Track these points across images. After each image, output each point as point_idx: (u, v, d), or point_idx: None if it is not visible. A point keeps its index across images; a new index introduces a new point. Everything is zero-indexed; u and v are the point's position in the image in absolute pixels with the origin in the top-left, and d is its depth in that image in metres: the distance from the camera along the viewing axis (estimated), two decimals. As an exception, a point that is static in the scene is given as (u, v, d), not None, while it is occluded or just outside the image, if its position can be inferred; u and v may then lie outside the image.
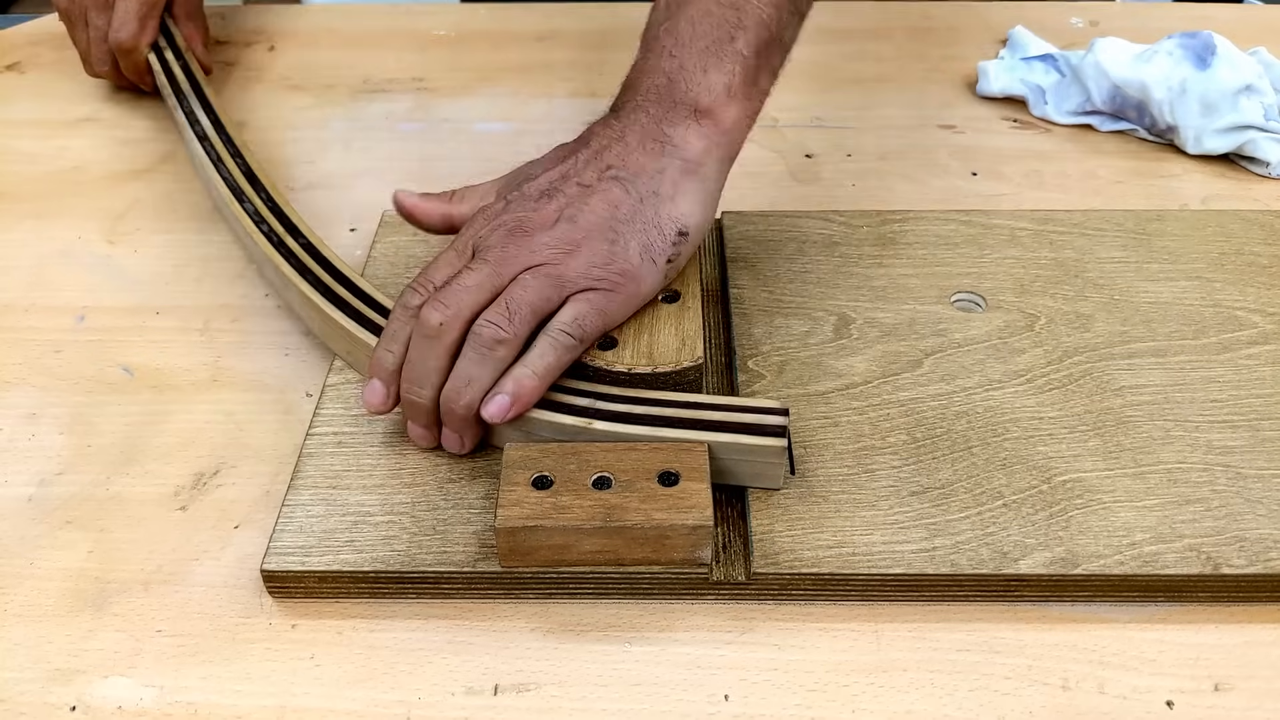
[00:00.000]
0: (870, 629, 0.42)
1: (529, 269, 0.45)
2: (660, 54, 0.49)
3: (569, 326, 0.44)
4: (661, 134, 0.48)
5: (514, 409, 0.43)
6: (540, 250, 0.45)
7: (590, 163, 0.48)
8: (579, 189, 0.47)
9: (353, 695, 0.40)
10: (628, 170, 0.47)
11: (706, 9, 0.48)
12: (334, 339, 0.52)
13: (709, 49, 0.48)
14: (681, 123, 0.47)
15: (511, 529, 0.40)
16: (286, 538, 0.43)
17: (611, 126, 0.49)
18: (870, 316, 0.53)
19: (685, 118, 0.48)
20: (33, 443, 0.50)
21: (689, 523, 0.40)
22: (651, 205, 0.46)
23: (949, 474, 0.45)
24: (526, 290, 0.44)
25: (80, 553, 0.45)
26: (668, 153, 0.47)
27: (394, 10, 0.89)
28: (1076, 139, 0.71)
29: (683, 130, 0.47)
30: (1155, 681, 0.40)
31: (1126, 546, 0.42)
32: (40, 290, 0.59)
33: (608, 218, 0.46)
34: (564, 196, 0.47)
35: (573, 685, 0.40)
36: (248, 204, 0.58)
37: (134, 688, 0.40)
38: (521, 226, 0.46)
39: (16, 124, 0.75)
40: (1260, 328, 0.53)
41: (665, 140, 0.47)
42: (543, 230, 0.46)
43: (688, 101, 0.48)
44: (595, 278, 0.45)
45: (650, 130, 0.48)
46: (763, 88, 0.50)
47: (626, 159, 0.47)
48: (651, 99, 0.48)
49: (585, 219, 0.46)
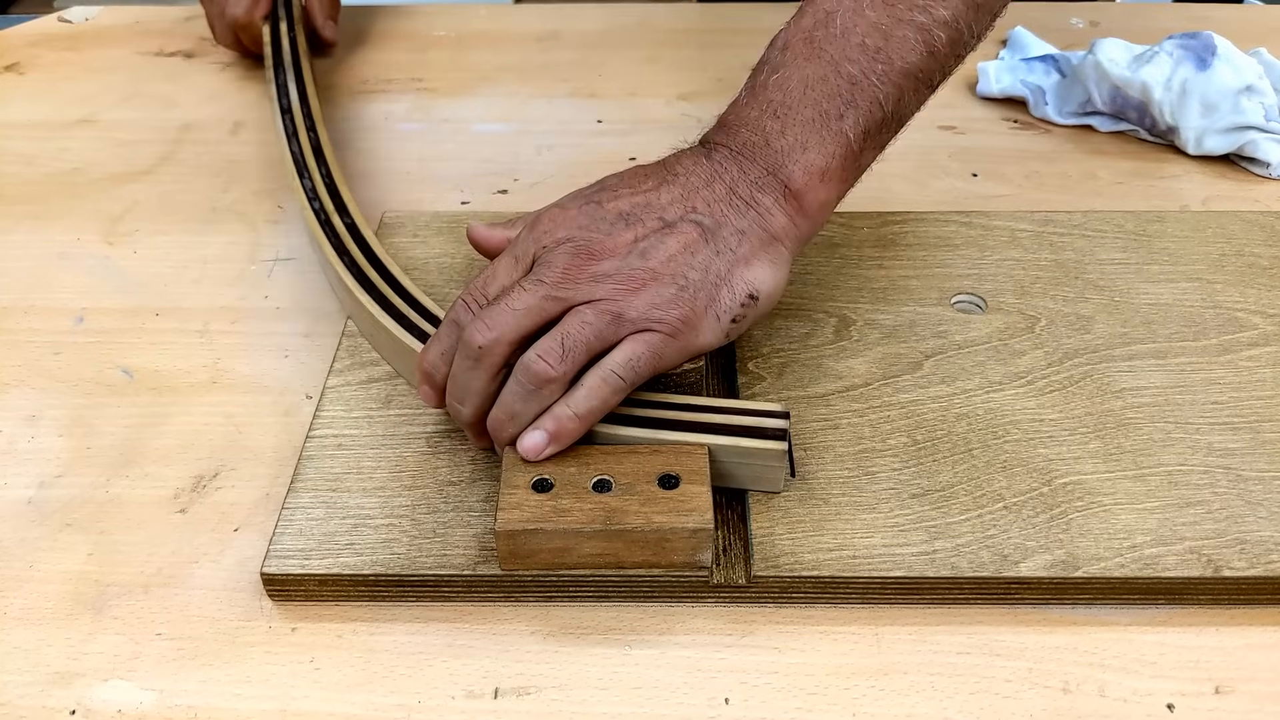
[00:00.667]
0: (871, 632, 0.42)
1: (589, 303, 0.42)
2: (764, 108, 0.46)
3: (621, 368, 0.42)
4: (751, 196, 0.45)
5: (550, 448, 0.42)
6: (604, 283, 0.43)
7: (677, 201, 0.45)
8: (659, 224, 0.44)
9: (353, 698, 0.40)
10: (712, 219, 0.44)
11: (823, 75, 0.45)
12: (357, 314, 0.53)
13: (814, 121, 0.45)
14: (771, 193, 0.45)
15: (511, 532, 0.40)
16: (286, 541, 0.43)
17: (702, 165, 0.46)
18: (870, 318, 0.53)
19: (775, 189, 0.45)
20: (32, 445, 0.50)
21: (689, 526, 0.40)
22: (728, 261, 0.44)
23: (949, 476, 0.45)
24: (585, 329, 0.42)
25: (80, 555, 0.45)
26: (752, 217, 0.45)
27: (394, 11, 0.89)
28: (1076, 140, 0.71)
29: (770, 201, 0.45)
30: (1156, 684, 0.40)
31: (1127, 549, 0.42)
32: (39, 292, 0.59)
33: (682, 261, 0.43)
34: (642, 227, 0.44)
35: (573, 688, 0.40)
36: (306, 180, 0.60)
37: (134, 691, 0.40)
38: (590, 249, 0.43)
39: (15, 125, 0.75)
40: (1261, 329, 0.53)
41: (753, 203, 0.45)
42: (611, 258, 0.43)
43: (781, 176, 0.45)
44: (655, 319, 0.42)
45: (740, 187, 0.45)
46: (864, 164, 0.48)
47: (713, 207, 0.45)
48: (747, 155, 0.46)
49: (658, 256, 0.43)
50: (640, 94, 0.77)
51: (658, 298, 0.43)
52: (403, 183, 0.68)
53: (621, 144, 0.71)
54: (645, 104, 0.76)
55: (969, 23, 0.47)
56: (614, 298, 0.42)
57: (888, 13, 0.46)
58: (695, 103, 0.75)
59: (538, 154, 0.71)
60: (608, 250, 0.43)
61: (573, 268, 0.43)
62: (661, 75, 0.79)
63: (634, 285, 0.43)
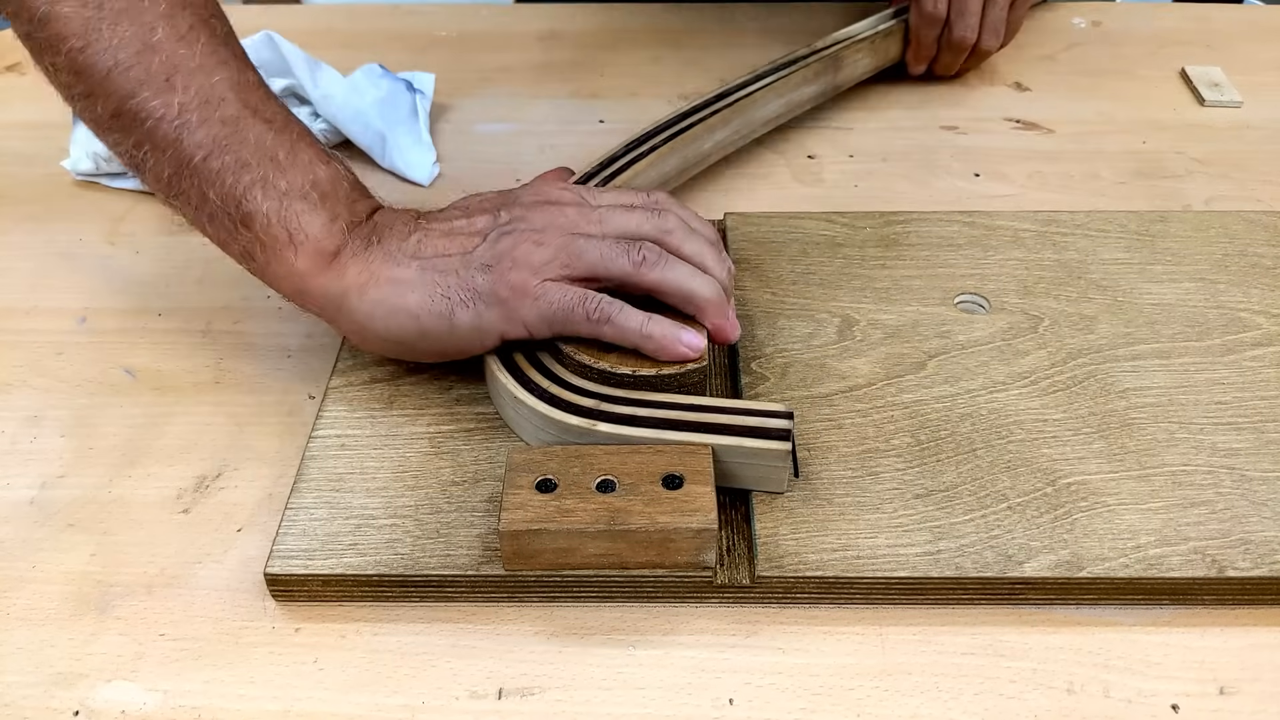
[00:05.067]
0: (875, 632, 0.42)
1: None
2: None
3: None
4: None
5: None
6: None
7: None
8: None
9: (356, 699, 0.40)
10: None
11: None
12: None
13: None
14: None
15: (515, 532, 0.40)
16: (290, 541, 0.43)
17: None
18: (874, 318, 0.53)
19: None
20: (34, 445, 0.50)
21: (693, 526, 0.40)
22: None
23: (953, 476, 0.45)
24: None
25: (82, 556, 0.45)
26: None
27: (394, 10, 0.89)
28: (1079, 140, 0.71)
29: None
30: (1160, 685, 0.40)
31: (1131, 549, 0.42)
32: (41, 292, 0.59)
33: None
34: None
35: (577, 689, 0.40)
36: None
37: (137, 692, 0.40)
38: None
39: (16, 125, 0.75)
40: (1265, 329, 0.52)
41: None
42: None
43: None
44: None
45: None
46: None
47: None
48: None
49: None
50: (642, 94, 0.77)
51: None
52: (401, 183, 0.68)
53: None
54: (647, 104, 0.76)
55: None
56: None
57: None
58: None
59: (540, 153, 0.71)
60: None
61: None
62: (663, 75, 0.79)
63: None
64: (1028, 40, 0.83)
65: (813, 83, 0.69)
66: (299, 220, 0.46)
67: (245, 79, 0.47)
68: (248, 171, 0.45)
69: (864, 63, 0.73)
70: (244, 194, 0.45)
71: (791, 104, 0.69)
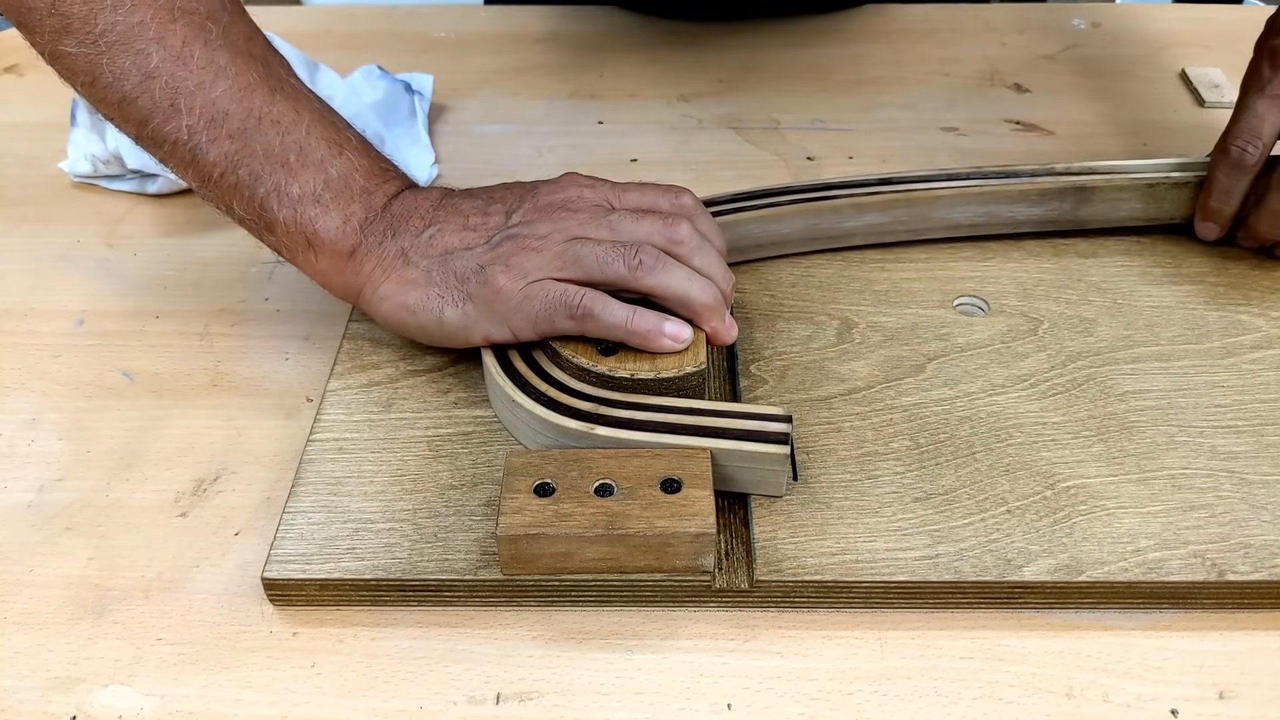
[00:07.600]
0: (874, 636, 0.41)
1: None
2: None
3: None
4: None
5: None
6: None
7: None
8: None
9: (354, 704, 0.40)
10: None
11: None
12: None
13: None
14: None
15: (513, 537, 0.40)
16: (287, 545, 0.43)
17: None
18: (873, 321, 0.53)
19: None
20: (32, 448, 0.50)
21: (691, 530, 0.40)
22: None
23: (952, 480, 0.45)
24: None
25: (80, 560, 0.45)
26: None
27: (394, 11, 0.89)
28: (1078, 141, 0.71)
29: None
30: (1160, 689, 0.40)
31: (1131, 553, 0.42)
32: (39, 294, 0.59)
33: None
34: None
35: (575, 694, 0.40)
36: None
37: (134, 696, 0.40)
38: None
39: (16, 126, 0.75)
40: (1264, 332, 0.52)
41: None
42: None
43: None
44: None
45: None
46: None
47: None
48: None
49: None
50: (640, 95, 0.77)
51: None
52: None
53: (622, 145, 0.71)
54: (646, 105, 0.76)
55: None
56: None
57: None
58: (696, 103, 0.75)
59: (538, 155, 0.71)
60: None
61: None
62: (662, 76, 0.79)
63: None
64: (1027, 41, 0.83)
65: (1036, 204, 0.57)
66: (313, 225, 0.48)
67: (247, 81, 0.47)
68: (261, 184, 0.47)
69: (1129, 206, 0.58)
70: (262, 204, 0.48)
71: (995, 219, 0.58)
